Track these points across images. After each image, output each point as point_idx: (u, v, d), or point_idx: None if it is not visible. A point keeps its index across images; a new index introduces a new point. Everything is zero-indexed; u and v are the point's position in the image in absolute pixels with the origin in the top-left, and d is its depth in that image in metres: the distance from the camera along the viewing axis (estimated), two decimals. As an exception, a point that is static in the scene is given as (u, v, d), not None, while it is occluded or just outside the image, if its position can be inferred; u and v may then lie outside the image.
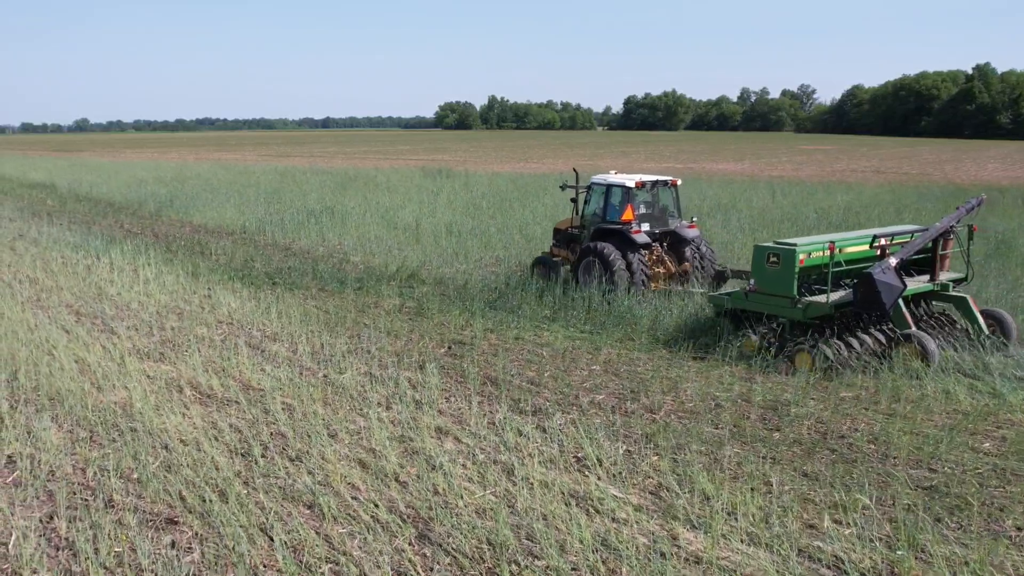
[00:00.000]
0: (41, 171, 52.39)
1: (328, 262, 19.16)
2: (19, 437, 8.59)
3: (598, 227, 15.10)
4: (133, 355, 11.57)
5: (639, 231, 14.56)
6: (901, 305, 10.95)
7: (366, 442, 8.53)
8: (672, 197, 15.68)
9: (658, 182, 15.26)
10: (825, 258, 11.02)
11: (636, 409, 9.65)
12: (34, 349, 11.68)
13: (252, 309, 14.38)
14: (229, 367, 11.05)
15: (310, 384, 10.36)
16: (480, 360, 11.52)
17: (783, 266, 11.03)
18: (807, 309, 11.07)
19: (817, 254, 11.09)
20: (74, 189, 38.55)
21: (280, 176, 44.53)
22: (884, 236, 11.72)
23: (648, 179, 15.12)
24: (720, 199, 29.12)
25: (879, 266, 10.73)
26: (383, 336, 12.70)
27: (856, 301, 10.95)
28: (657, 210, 15.43)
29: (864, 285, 10.72)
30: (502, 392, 10.16)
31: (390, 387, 10.24)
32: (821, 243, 11.19)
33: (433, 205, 28.22)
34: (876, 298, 10.59)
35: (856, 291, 10.90)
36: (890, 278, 10.59)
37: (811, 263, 11.14)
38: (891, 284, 10.57)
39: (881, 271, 10.62)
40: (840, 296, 11.17)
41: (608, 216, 15.06)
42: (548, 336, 12.80)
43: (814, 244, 11.21)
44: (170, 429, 8.75)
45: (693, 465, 7.98)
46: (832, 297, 11.05)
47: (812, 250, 11.09)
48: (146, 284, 16.35)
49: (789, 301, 11.13)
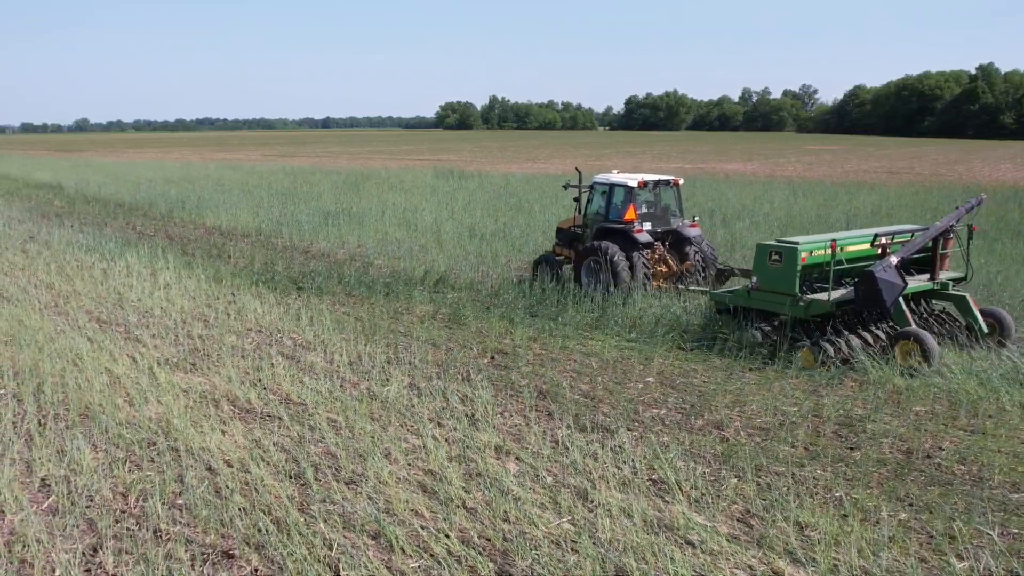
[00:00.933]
0: (46, 171, 51.78)
1: (351, 266, 18.60)
2: (51, 457, 8.03)
3: (601, 226, 15.12)
4: (163, 366, 11.01)
5: (641, 230, 14.62)
6: (902, 303, 11.03)
7: (423, 463, 7.98)
8: (674, 196, 15.71)
9: (660, 182, 15.30)
10: (827, 256, 11.11)
11: (703, 426, 9.11)
12: (58, 359, 11.12)
13: (280, 316, 13.83)
14: (265, 379, 10.49)
15: (353, 398, 9.81)
16: (528, 371, 10.96)
17: (785, 264, 11.16)
18: (809, 307, 11.17)
19: (819, 252, 11.18)
20: (81, 190, 37.95)
21: (290, 176, 43.97)
22: (885, 235, 11.82)
23: (650, 179, 15.16)
24: (742, 201, 28.58)
25: (880, 264, 10.82)
26: (422, 345, 12.14)
27: (857, 299, 11.04)
28: (659, 209, 15.48)
29: (865, 283, 10.81)
30: (558, 407, 9.61)
31: (438, 401, 9.69)
32: (823, 241, 11.26)
33: (451, 206, 27.66)
34: (877, 296, 10.70)
35: (857, 289, 11.00)
36: (891, 276, 10.69)
37: (813, 261, 11.21)
38: (892, 282, 10.66)
39: (882, 269, 10.71)
40: (841, 294, 11.26)
41: (611, 215, 15.10)
42: (594, 345, 12.24)
43: (816, 242, 11.28)
44: (212, 448, 8.20)
45: (777, 488, 7.44)
46: (833, 295, 11.13)
47: (814, 248, 11.18)
48: (167, 289, 15.78)
49: (791, 299, 11.22)
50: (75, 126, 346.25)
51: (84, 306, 14.61)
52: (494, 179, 40.46)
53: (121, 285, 16.30)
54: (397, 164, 59.80)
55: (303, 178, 42.48)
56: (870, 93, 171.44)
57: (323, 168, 52.42)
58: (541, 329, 13.05)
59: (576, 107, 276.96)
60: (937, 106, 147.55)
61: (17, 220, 27.09)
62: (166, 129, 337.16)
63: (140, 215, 28.58)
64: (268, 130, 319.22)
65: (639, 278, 14.21)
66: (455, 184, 37.55)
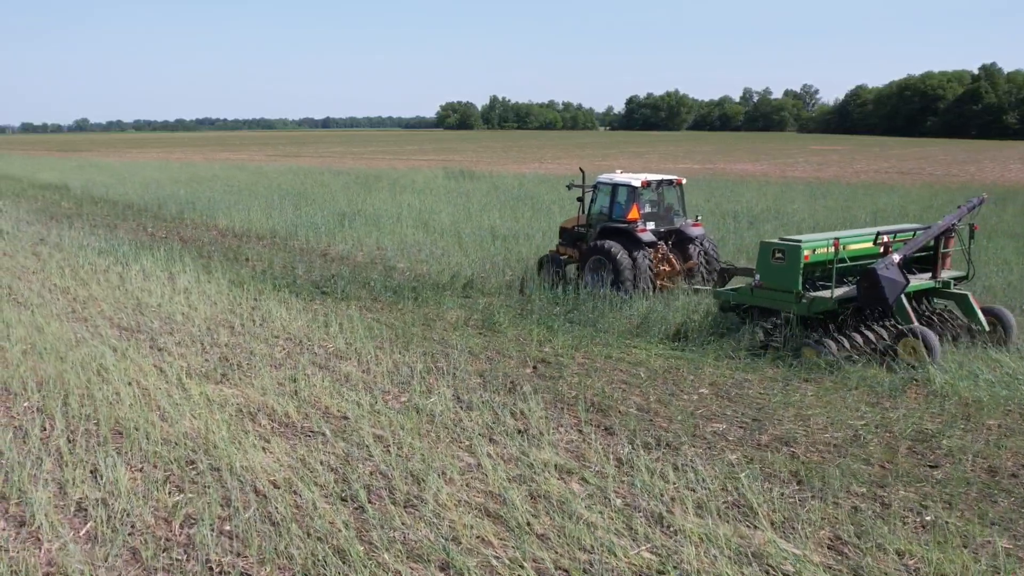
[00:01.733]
0: (50, 172, 51.23)
1: (372, 269, 18.11)
2: (85, 479, 7.55)
3: (604, 226, 15.14)
4: (193, 377, 10.52)
5: (645, 230, 14.66)
6: (904, 301, 11.08)
7: (482, 483, 7.49)
8: (677, 196, 15.75)
9: (663, 181, 15.33)
10: (829, 254, 11.17)
11: (769, 442, 8.63)
12: (82, 370, 10.63)
13: (307, 322, 13.34)
14: (302, 390, 10.00)
15: (396, 411, 9.33)
16: (575, 382, 10.48)
17: (788, 262, 11.20)
18: (811, 304, 11.23)
19: (821, 250, 11.23)
20: (88, 190, 37.42)
21: (298, 177, 43.47)
22: (887, 233, 11.87)
23: (653, 178, 15.19)
24: (763, 203, 28.13)
25: (882, 262, 10.87)
26: (460, 354, 11.66)
27: (860, 297, 11.08)
28: (662, 209, 15.52)
29: (868, 281, 10.85)
30: (613, 421, 9.14)
31: (487, 414, 9.20)
32: (825, 240, 11.31)
33: (467, 208, 27.17)
34: (880, 294, 10.77)
35: (860, 287, 11.04)
36: (893, 274, 10.74)
37: (816, 259, 11.26)
38: (894, 280, 10.72)
39: (884, 267, 10.76)
40: (844, 292, 11.30)
41: (614, 215, 15.13)
42: (639, 353, 11.75)
43: (818, 241, 11.33)
44: (255, 468, 7.71)
45: (863, 511, 6.97)
46: (836, 293, 11.19)
47: (817, 246, 11.22)
48: (187, 294, 15.29)
49: (794, 296, 11.25)
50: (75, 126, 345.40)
51: (103, 312, 14.12)
52: (505, 179, 39.97)
53: (139, 289, 15.81)
54: (404, 164, 59.29)
55: (312, 178, 41.99)
56: (872, 93, 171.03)
57: (331, 168, 51.92)
58: (580, 336, 12.56)
59: (577, 107, 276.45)
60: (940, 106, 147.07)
61: (25, 222, 26.59)
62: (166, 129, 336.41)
63: (150, 216, 28.08)
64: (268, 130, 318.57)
65: (643, 277, 14.26)
66: (467, 185, 37.05)
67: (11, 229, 24.39)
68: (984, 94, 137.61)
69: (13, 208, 30.85)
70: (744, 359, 11.35)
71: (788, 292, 11.31)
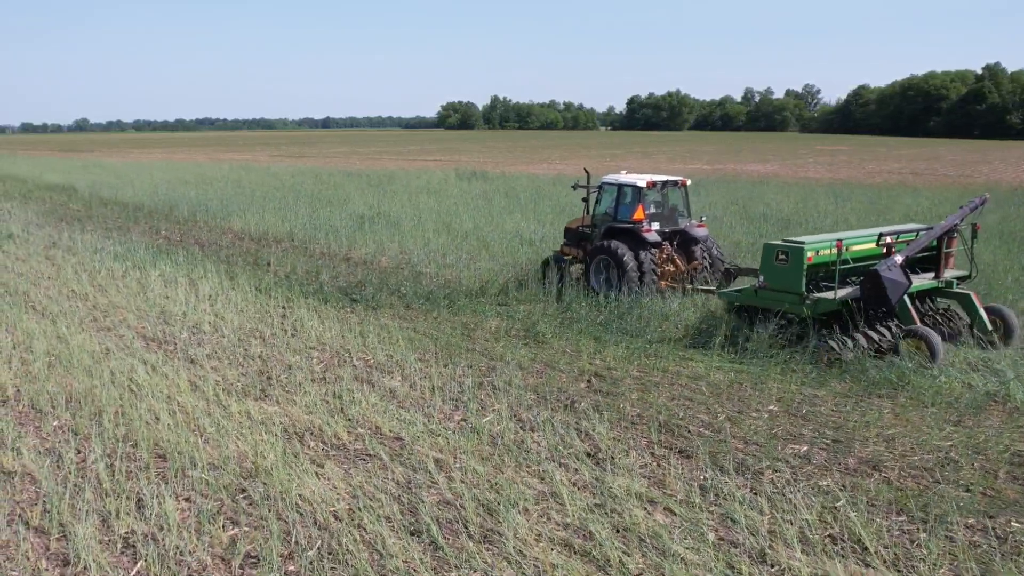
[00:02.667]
0: (55, 172, 50.57)
1: (399, 274, 17.52)
2: (131, 511, 6.96)
3: (609, 226, 15.16)
4: (231, 393, 9.94)
5: (650, 230, 14.66)
6: (907, 301, 11.11)
7: (560, 514, 6.92)
8: (681, 197, 15.76)
9: (668, 182, 15.33)
10: (832, 255, 11.21)
11: (856, 466, 8.05)
12: (113, 385, 10.05)
13: (341, 332, 12.75)
14: (348, 408, 9.42)
15: (452, 431, 8.75)
16: (635, 398, 9.90)
17: (792, 263, 11.22)
18: (815, 305, 11.22)
19: (825, 252, 11.27)
20: (95, 191, 36.78)
21: (309, 178, 42.86)
22: (890, 234, 11.89)
23: (658, 179, 15.19)
24: (789, 204, 27.57)
25: (885, 263, 10.88)
26: (507, 367, 11.08)
27: (863, 297, 11.09)
28: (667, 209, 15.54)
29: (871, 282, 10.86)
30: (685, 442, 8.56)
31: (549, 435, 8.62)
32: (828, 241, 11.35)
33: (487, 210, 26.57)
34: (883, 294, 10.78)
35: (863, 288, 11.05)
36: (896, 275, 10.75)
37: (819, 260, 11.29)
38: (897, 281, 10.72)
39: (887, 268, 10.77)
40: (847, 292, 11.31)
41: (619, 215, 15.14)
42: (696, 366, 11.17)
43: (822, 242, 11.37)
44: (313, 497, 7.13)
45: (980, 546, 6.40)
46: (839, 293, 11.21)
47: (820, 248, 11.26)
48: (211, 302, 14.71)
49: (797, 297, 11.29)
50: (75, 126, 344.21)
51: (126, 321, 13.54)
52: (518, 180, 39.37)
53: (160, 296, 15.23)
54: (412, 165, 58.68)
55: (322, 179, 41.38)
56: (874, 93, 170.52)
57: (340, 169, 51.29)
58: (631, 347, 11.97)
59: (578, 107, 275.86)
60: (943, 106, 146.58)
61: (35, 224, 25.98)
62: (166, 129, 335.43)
63: (162, 219, 27.47)
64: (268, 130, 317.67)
65: (647, 278, 14.32)
66: (481, 186, 36.45)
67: (21, 232, 23.79)
68: (988, 94, 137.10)
69: (21, 210, 30.24)
70: (809, 373, 10.76)
71: (792, 293, 11.33)
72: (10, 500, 7.21)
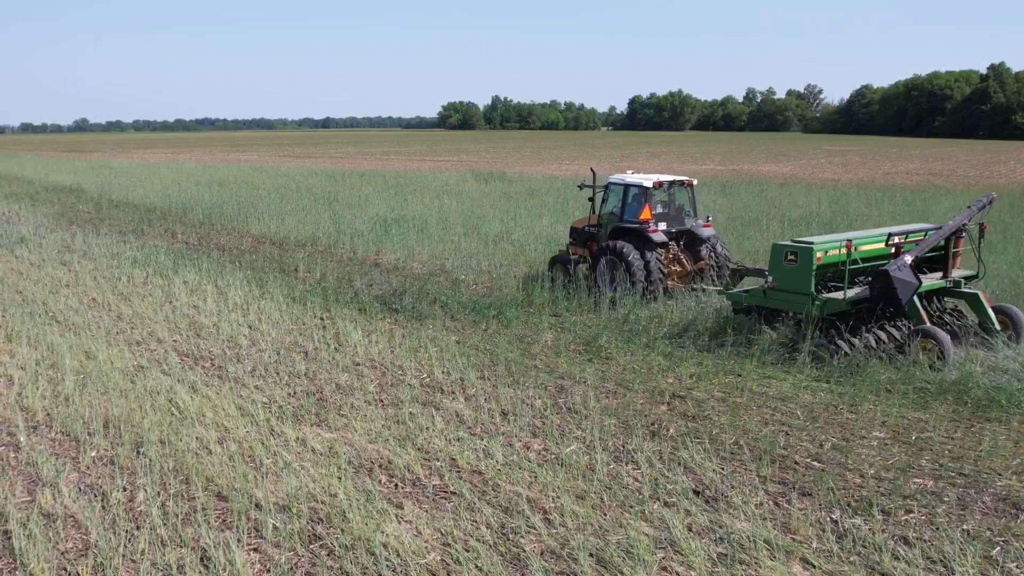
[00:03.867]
0: (61, 173, 49.60)
1: (435, 282, 16.65)
2: (193, 564, 6.09)
3: (616, 226, 15.13)
4: (284, 418, 9.08)
5: (656, 230, 14.66)
6: (916, 301, 11.05)
7: (684, 567, 6.06)
8: (688, 197, 15.74)
9: (674, 182, 15.31)
10: (841, 256, 11.15)
11: (996, 505, 7.19)
12: (152, 409, 9.19)
13: (388, 346, 11.90)
14: (413, 435, 8.56)
15: (536, 464, 7.89)
16: (723, 423, 9.03)
17: (801, 264, 11.15)
18: (824, 305, 11.16)
19: (834, 252, 11.22)
20: (105, 193, 35.85)
21: (319, 179, 41.95)
22: (899, 234, 11.85)
23: (665, 179, 15.17)
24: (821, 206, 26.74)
25: (895, 263, 10.83)
26: (576, 386, 10.23)
27: (873, 298, 11.03)
28: (673, 209, 15.51)
29: (881, 282, 10.81)
30: (797, 476, 7.70)
31: (645, 468, 7.76)
32: (838, 241, 11.31)
33: (514, 212, 25.70)
34: (892, 294, 10.72)
35: (873, 288, 10.99)
36: (906, 275, 10.70)
37: (828, 261, 11.22)
38: (907, 281, 10.68)
39: (897, 268, 10.72)
40: (856, 293, 11.24)
41: (626, 215, 15.11)
42: (781, 385, 10.29)
43: (831, 242, 11.32)
44: (399, 546, 6.27)
45: None
46: (848, 294, 11.14)
47: (829, 248, 11.20)
48: (243, 312, 13.85)
49: (807, 298, 11.20)
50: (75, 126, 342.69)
51: (155, 333, 12.67)
52: (538, 181, 38.48)
53: (187, 306, 14.37)
54: (422, 166, 57.77)
55: (337, 180, 40.49)
56: (877, 93, 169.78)
57: (353, 170, 50.36)
58: (703, 363, 11.11)
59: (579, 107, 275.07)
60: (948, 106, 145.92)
61: (46, 227, 25.08)
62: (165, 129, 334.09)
63: (177, 222, 26.56)
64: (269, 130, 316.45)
65: (654, 277, 14.33)
66: (500, 187, 35.56)
67: (33, 236, 22.90)
68: (993, 94, 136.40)
69: (30, 212, 29.33)
70: (908, 393, 9.89)
71: (801, 294, 11.25)
72: (55, 551, 6.34)
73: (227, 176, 43.96)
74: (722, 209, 25.57)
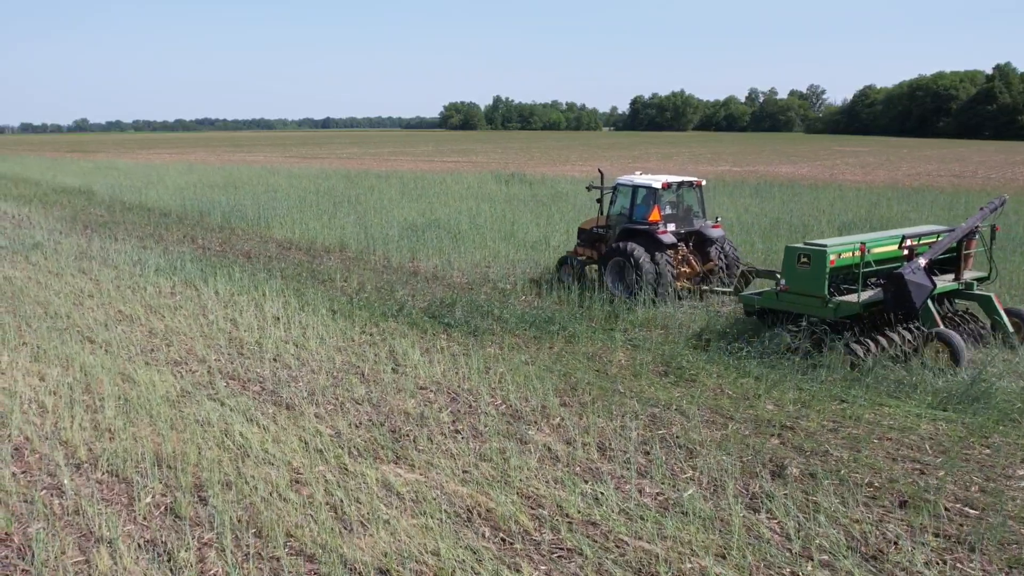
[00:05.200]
0: (68, 174, 48.50)
1: (480, 292, 15.68)
2: (292, 647, 5.12)
3: (625, 227, 15.00)
4: (355, 454, 8.10)
5: (666, 231, 14.55)
6: (929, 304, 11.01)
7: (874, 653, 5.09)
8: (697, 198, 15.60)
9: (683, 183, 15.22)
10: (854, 258, 11.12)
11: None
12: (206, 442, 8.22)
13: (454, 366, 10.92)
14: (507, 476, 7.59)
15: (655, 511, 6.92)
16: (846, 459, 8.05)
17: (814, 266, 11.09)
18: (838, 308, 11.07)
19: (847, 255, 11.18)
20: (115, 195, 34.82)
21: (331, 180, 40.94)
22: (912, 237, 11.77)
23: (674, 180, 15.07)
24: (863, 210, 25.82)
25: (909, 266, 10.75)
26: (671, 414, 9.26)
27: (886, 300, 10.92)
28: (682, 210, 15.40)
29: (895, 285, 10.70)
30: (954, 527, 6.73)
31: (782, 516, 6.80)
32: (851, 244, 11.27)
33: (547, 216, 24.74)
34: (907, 297, 10.63)
35: (886, 291, 10.88)
36: (920, 278, 10.64)
37: (841, 263, 11.18)
38: (921, 284, 10.61)
39: (911, 271, 10.64)
40: (870, 295, 11.18)
41: (635, 216, 15.01)
42: (893, 413, 9.31)
43: (844, 245, 11.29)
44: (529, 624, 5.30)
45: None
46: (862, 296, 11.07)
47: (842, 251, 11.15)
48: (286, 328, 12.87)
49: (820, 300, 11.14)
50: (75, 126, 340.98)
51: (194, 352, 11.70)
52: (561, 183, 37.46)
53: (223, 319, 13.39)
54: (432, 167, 56.78)
55: (353, 181, 39.48)
56: (881, 93, 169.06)
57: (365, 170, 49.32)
58: (801, 388, 10.12)
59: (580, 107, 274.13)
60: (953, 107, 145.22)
61: (59, 232, 24.07)
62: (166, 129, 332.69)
63: (194, 226, 25.56)
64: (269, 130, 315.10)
65: (664, 279, 14.22)
66: (524, 189, 34.56)
67: (47, 241, 21.91)
68: (999, 94, 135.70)
69: (41, 216, 28.31)
70: None
71: (814, 296, 11.16)
72: (123, 631, 5.38)
73: (239, 177, 42.93)
74: (765, 213, 24.65)
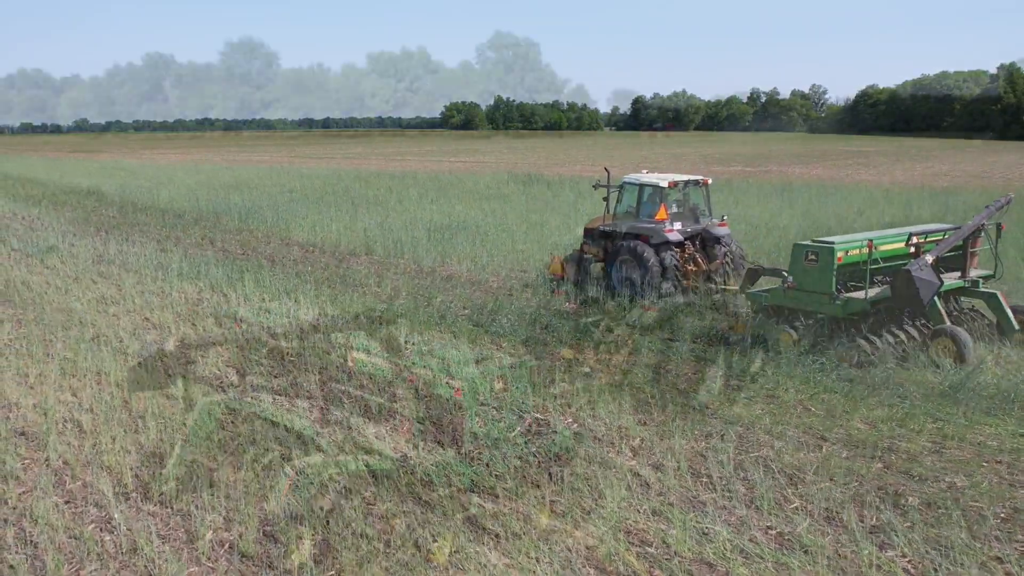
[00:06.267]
0: (76, 175, 47.80)
1: (522, 298, 15.02)
2: None
3: (631, 225, 15.01)
4: (434, 477, 7.44)
5: (672, 230, 14.58)
6: (936, 301, 11.01)
7: None
8: (703, 196, 15.65)
9: (689, 182, 15.25)
10: (862, 256, 11.12)
11: None
12: (267, 471, 7.56)
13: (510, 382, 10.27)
14: (598, 509, 6.93)
15: (771, 547, 6.29)
16: (959, 486, 7.41)
17: (821, 263, 11.14)
18: (845, 305, 11.11)
19: (854, 252, 11.21)
20: (126, 196, 34.17)
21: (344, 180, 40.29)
22: (919, 234, 11.84)
23: (680, 179, 15.13)
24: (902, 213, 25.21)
25: (916, 263, 10.76)
26: (753, 432, 8.61)
27: (894, 297, 10.96)
28: (688, 209, 15.43)
29: (902, 282, 10.72)
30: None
31: (905, 548, 6.16)
32: (858, 241, 11.31)
33: (575, 218, 24.10)
34: (914, 294, 10.63)
35: (894, 288, 10.92)
36: (927, 275, 10.68)
37: (848, 260, 11.20)
38: (929, 280, 10.65)
39: (919, 268, 10.67)
40: (877, 292, 11.22)
41: (641, 215, 15.07)
42: (994, 433, 8.65)
43: (852, 242, 11.31)
44: None
45: None
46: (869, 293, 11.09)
47: (850, 248, 11.20)
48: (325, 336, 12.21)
49: (827, 297, 11.17)
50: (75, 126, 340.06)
51: (232, 363, 11.03)
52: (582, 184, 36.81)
53: (259, 329, 12.73)
54: (441, 167, 56.12)
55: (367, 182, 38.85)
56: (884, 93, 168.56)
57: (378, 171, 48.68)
58: (892, 406, 9.45)
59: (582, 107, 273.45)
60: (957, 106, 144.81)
61: (72, 234, 23.41)
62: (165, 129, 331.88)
63: (211, 227, 24.90)
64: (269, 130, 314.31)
65: (670, 277, 14.26)
66: (544, 190, 33.92)
67: (61, 243, 21.26)
68: (1004, 94, 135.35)
69: (53, 218, 27.66)
70: None
71: (822, 293, 11.17)
72: None
73: (249, 178, 42.29)
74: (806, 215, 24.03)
